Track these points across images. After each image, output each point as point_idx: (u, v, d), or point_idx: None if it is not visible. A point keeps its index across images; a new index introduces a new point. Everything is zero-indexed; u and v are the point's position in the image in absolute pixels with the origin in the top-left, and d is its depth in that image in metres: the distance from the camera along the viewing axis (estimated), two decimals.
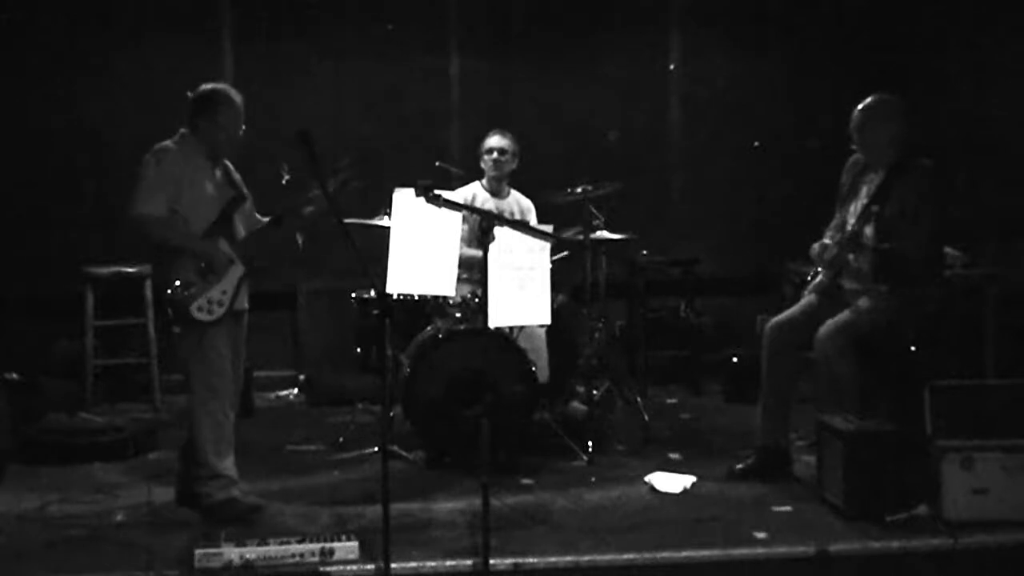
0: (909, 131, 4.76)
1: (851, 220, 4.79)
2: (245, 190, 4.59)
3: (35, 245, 6.81)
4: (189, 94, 4.49)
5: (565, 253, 5.81)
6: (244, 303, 4.54)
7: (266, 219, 4.60)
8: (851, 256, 4.75)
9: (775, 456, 4.87)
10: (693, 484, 4.81)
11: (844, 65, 7.38)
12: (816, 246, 4.89)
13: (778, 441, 4.87)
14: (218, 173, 4.51)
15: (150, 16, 6.98)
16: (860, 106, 4.77)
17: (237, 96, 4.51)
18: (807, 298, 4.94)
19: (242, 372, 4.68)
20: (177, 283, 4.29)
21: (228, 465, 4.42)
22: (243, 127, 4.52)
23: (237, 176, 4.60)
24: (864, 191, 4.80)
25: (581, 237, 5.71)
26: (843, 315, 4.70)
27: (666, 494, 4.73)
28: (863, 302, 4.71)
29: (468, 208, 5.05)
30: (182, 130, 4.49)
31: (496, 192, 5.97)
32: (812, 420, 4.77)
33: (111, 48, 7.01)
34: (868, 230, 4.66)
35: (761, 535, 4.15)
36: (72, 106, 6.95)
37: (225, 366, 4.43)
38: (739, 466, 4.92)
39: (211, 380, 4.39)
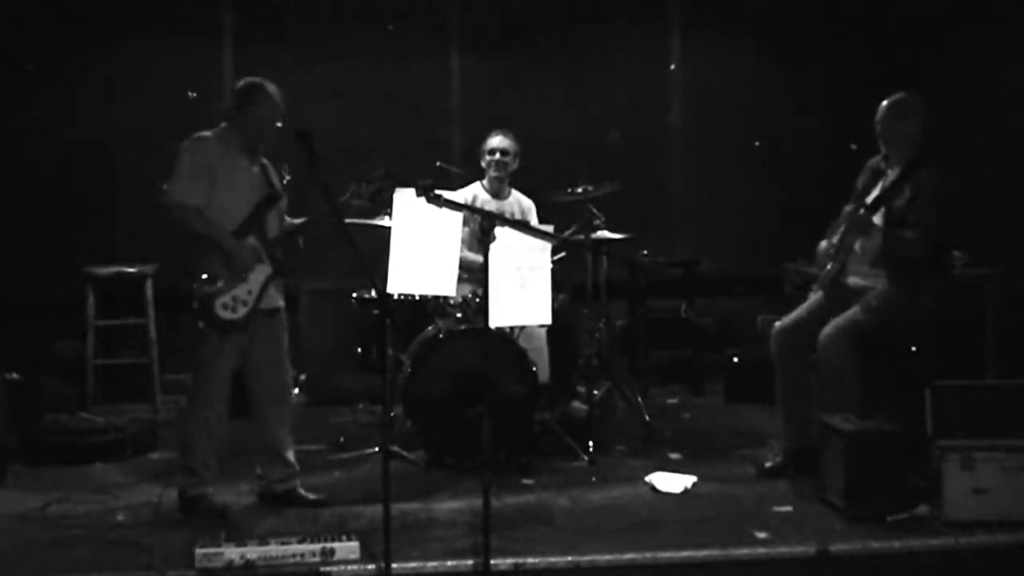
0: (927, 129, 4.81)
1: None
2: (280, 189, 4.55)
3: (35, 245, 6.81)
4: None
5: (563, 254, 5.81)
6: (277, 301, 4.54)
7: (296, 221, 4.59)
8: (857, 244, 4.76)
9: (804, 455, 4.82)
10: (693, 484, 4.81)
11: (844, 64, 7.38)
12: (823, 244, 4.91)
13: (805, 440, 4.83)
14: (255, 169, 4.49)
15: (150, 17, 6.98)
16: (886, 101, 4.84)
17: (275, 90, 4.50)
18: (812, 297, 4.94)
19: (288, 367, 4.64)
20: (204, 277, 4.27)
21: (206, 464, 4.44)
22: (280, 122, 4.49)
23: (275, 174, 4.56)
24: (879, 188, 4.82)
25: (582, 237, 5.72)
26: (847, 314, 4.70)
27: (666, 494, 4.73)
28: (869, 298, 4.71)
29: (469, 208, 5.04)
30: (223, 123, 4.50)
31: (497, 192, 5.96)
32: None
33: (111, 48, 7.00)
34: (877, 218, 4.67)
35: (761, 535, 4.14)
36: (72, 106, 6.95)
37: (228, 375, 4.43)
38: (768, 464, 4.91)
39: (210, 386, 4.40)
